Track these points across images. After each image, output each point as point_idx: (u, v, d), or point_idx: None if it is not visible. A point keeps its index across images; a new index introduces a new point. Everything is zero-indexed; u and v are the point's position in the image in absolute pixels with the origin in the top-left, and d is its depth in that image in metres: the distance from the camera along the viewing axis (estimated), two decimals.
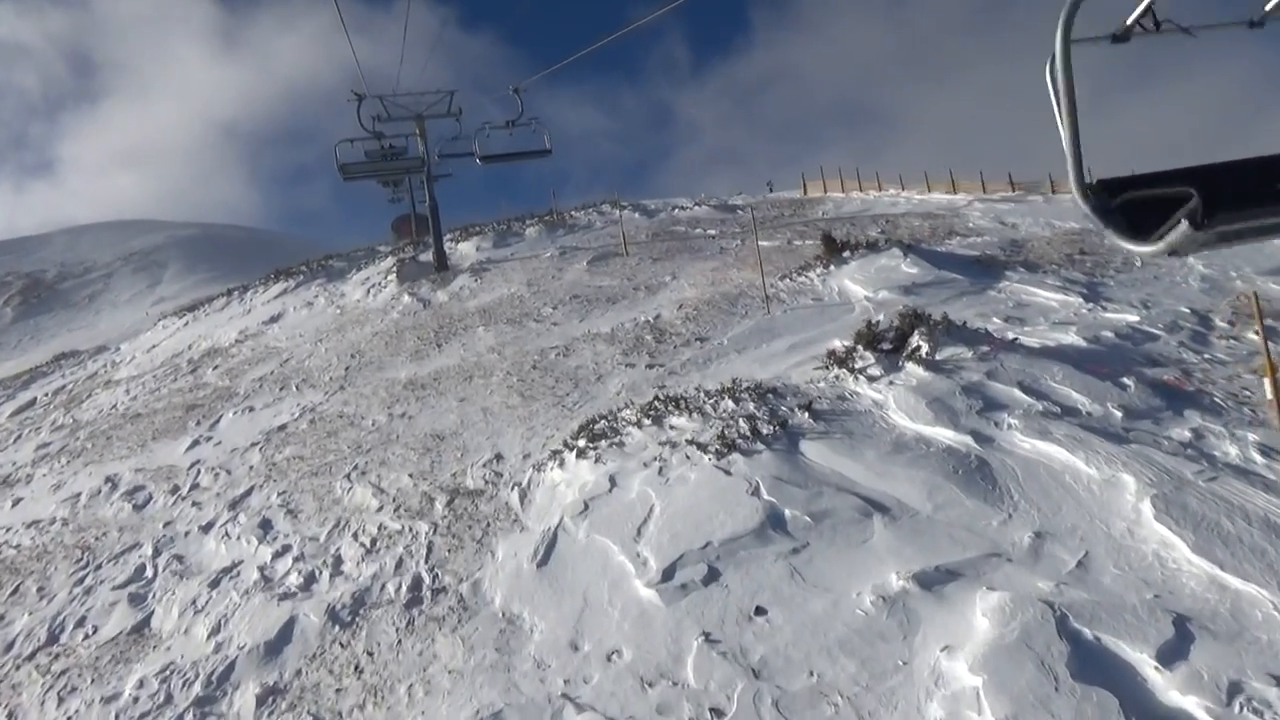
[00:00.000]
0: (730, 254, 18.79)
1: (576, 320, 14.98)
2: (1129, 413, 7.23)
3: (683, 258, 19.06)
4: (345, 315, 20.70)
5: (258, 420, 13.81)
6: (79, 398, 21.29)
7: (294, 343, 19.20)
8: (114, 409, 18.40)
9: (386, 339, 16.82)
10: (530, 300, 17.31)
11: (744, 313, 13.01)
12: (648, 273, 17.89)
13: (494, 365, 13.10)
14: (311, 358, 17.12)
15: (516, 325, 15.45)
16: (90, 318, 46.91)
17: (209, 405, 15.53)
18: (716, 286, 15.20)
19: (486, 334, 15.27)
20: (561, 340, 13.67)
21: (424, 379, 13.34)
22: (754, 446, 7.43)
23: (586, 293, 16.90)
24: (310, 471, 10.57)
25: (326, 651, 6.55)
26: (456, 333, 15.95)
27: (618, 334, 13.23)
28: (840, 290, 13.15)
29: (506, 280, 20.02)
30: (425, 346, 15.50)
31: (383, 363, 15.15)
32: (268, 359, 18.20)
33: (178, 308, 30.86)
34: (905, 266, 13.18)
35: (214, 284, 44.60)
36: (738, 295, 14.05)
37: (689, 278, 16.57)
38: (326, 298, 23.48)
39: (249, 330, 22.44)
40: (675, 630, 5.58)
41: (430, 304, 19.43)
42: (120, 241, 60.48)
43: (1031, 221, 17.97)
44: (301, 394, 14.53)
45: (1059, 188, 20.10)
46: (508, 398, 11.42)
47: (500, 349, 14.02)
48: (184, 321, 27.16)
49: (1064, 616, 4.79)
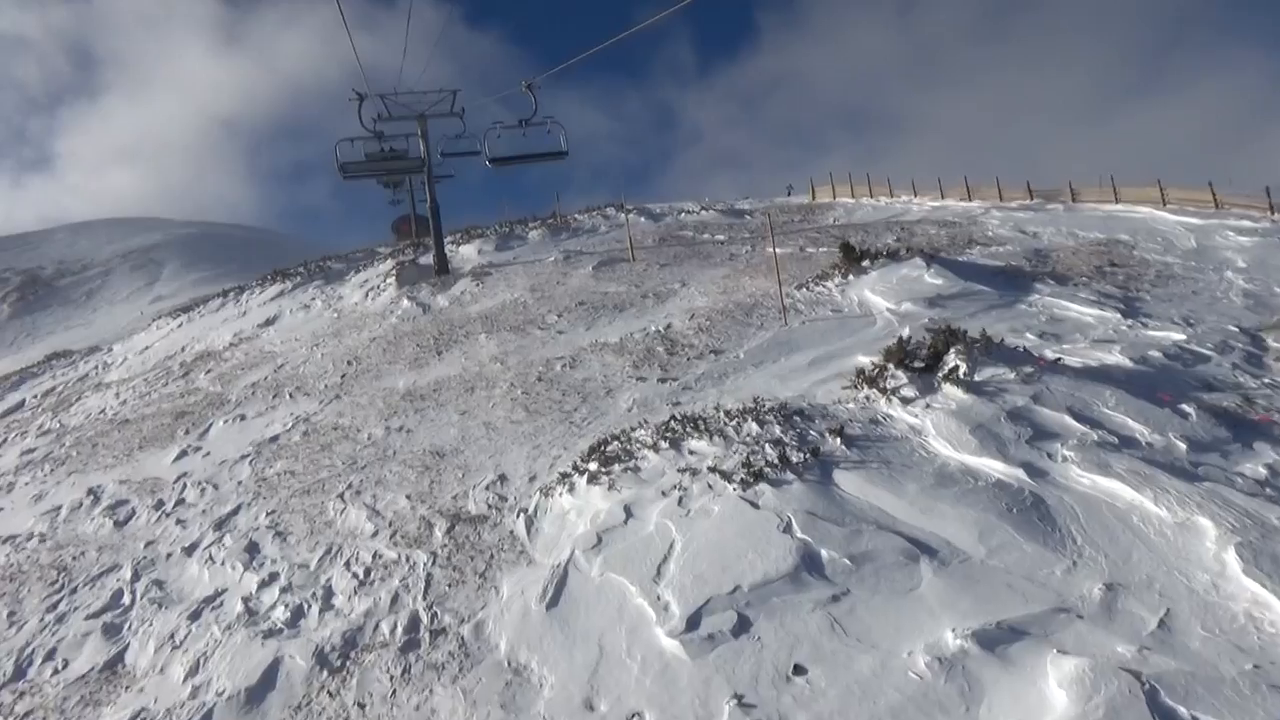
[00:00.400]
0: (741, 261, 18.21)
1: (583, 329, 14.39)
2: (1194, 445, 6.63)
3: (692, 264, 18.47)
4: (343, 319, 20.10)
5: (249, 430, 13.20)
6: (68, 400, 20.66)
7: (289, 347, 18.59)
8: (102, 414, 17.79)
9: (385, 345, 16.22)
10: (534, 307, 16.71)
11: (760, 324, 12.41)
12: (656, 279, 17.30)
13: (497, 376, 12.50)
14: (307, 363, 16.52)
15: (520, 333, 14.85)
16: (88, 315, 46.50)
17: (199, 413, 14.93)
18: (729, 295, 14.60)
19: (489, 342, 14.66)
20: (568, 350, 13.07)
21: (423, 389, 12.74)
22: (783, 476, 6.82)
23: (593, 299, 16.31)
24: (302, 489, 9.97)
25: (313, 701, 5.94)
26: (458, 340, 15.35)
27: (627, 344, 12.63)
28: (861, 302, 12.54)
29: (509, 285, 19.43)
30: (425, 354, 14.90)
31: (380, 370, 14.55)
32: (262, 364, 17.60)
33: (173, 308, 30.24)
34: (929, 277, 12.56)
35: (212, 283, 44.39)
36: (752, 305, 13.45)
37: (699, 285, 15.98)
38: (324, 300, 22.87)
39: (244, 333, 21.84)
40: (703, 690, 4.98)
41: (430, 309, 18.82)
42: (119, 239, 59.91)
43: (1054, 231, 17.35)
44: (295, 402, 13.92)
45: (1080, 196, 19.48)
46: (512, 412, 10.82)
47: (503, 358, 13.42)
48: (178, 323, 26.54)
49: (1154, 690, 4.19)
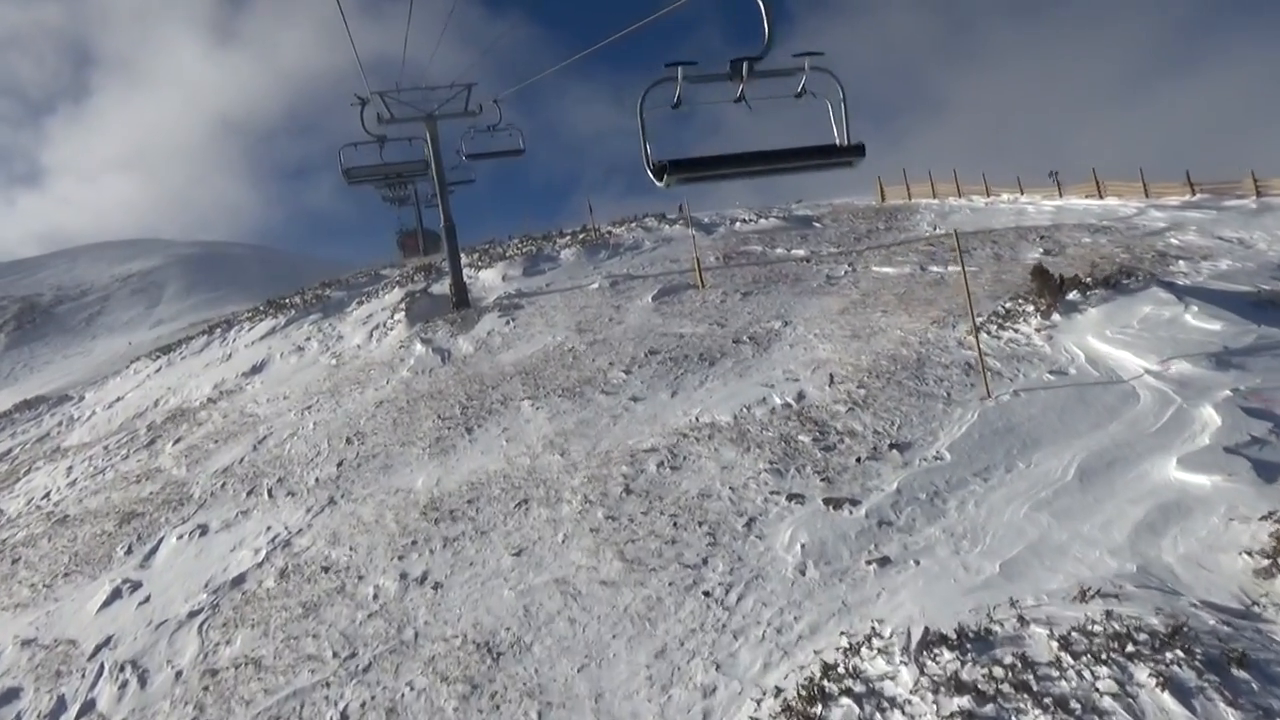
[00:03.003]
0: (847, 285, 14.27)
1: (665, 392, 10.51)
2: None
3: (782, 291, 14.55)
4: (342, 368, 16.30)
5: (209, 555, 9.40)
6: (17, 472, 17.03)
7: (275, 408, 14.81)
8: (46, 499, 14.12)
9: (395, 413, 12.39)
10: (587, 355, 12.84)
11: (945, 393, 8.47)
12: (743, 315, 13.40)
13: (559, 478, 8.62)
14: (295, 437, 12.71)
15: (576, 398, 10.97)
16: (86, 343, 44.62)
17: (151, 515, 11.15)
18: (865, 341, 10.67)
19: (536, 413, 10.79)
20: (655, 432, 9.19)
21: (452, 497, 8.88)
22: None
23: (665, 345, 12.43)
24: (268, 712, 6.11)
25: None
26: (492, 408, 11.49)
27: (746, 426, 8.73)
28: (1091, 356, 8.55)
29: (547, 323, 15.57)
30: (449, 430, 11.05)
31: (390, 455, 10.71)
32: (240, 433, 13.82)
33: (154, 348, 26.56)
34: (1193, 318, 8.55)
35: (212, 306, 42.91)
36: (915, 360, 9.49)
37: (811, 324, 12.06)
38: (320, 341, 19.08)
39: (225, 384, 18.09)
40: None
41: (451, 357, 14.98)
42: (119, 262, 57.60)
43: (1264, 235, 13.32)
44: (275, 507, 10.11)
45: (1266, 189, 15.45)
46: (597, 557, 6.94)
47: (562, 443, 9.54)
48: (156, 366, 22.84)
49: None
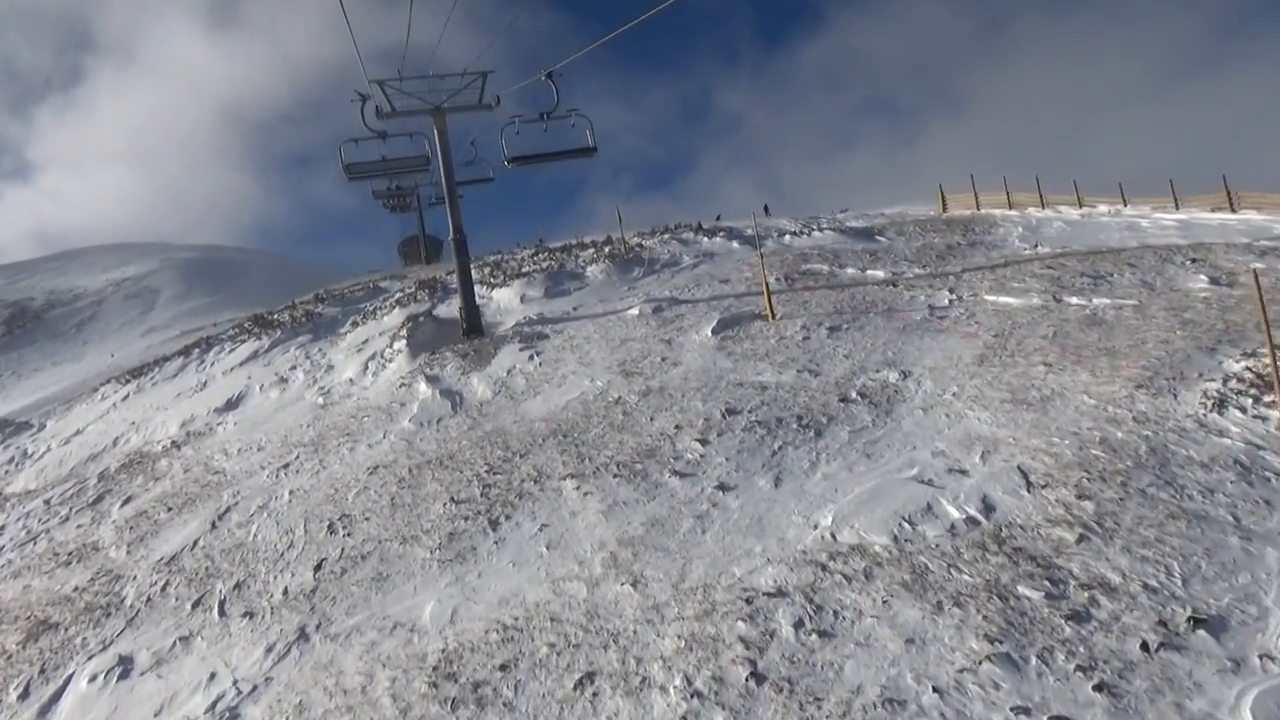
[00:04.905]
0: (961, 320, 11.40)
1: (763, 477, 7.64)
2: None
3: (878, 325, 11.69)
4: (329, 410, 13.44)
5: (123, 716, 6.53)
6: None
7: (246, 464, 11.97)
8: None
9: (394, 485, 9.53)
10: (641, 411, 9.96)
11: (1230, 517, 5.58)
12: (837, 357, 10.53)
13: (636, 633, 5.72)
14: (265, 512, 9.87)
15: (639, 481, 8.09)
16: (77, 349, 43.27)
17: (66, 634, 8.30)
18: (1040, 410, 7.78)
19: (584, 501, 7.91)
20: (771, 552, 6.30)
21: (476, 655, 5.97)
22: None
23: (745, 400, 9.56)
24: None
25: None
26: (523, 488, 8.60)
27: (915, 554, 5.85)
28: None
29: (581, 359, 12.71)
30: (466, 520, 8.17)
31: (387, 561, 7.83)
32: (199, 499, 10.98)
33: (125, 370, 23.73)
34: None
35: (207, 313, 39.81)
36: (1149, 452, 6.60)
37: (942, 378, 9.18)
38: (307, 371, 16.25)
39: (193, 423, 15.29)
40: None
41: (463, 402, 12.11)
42: (114, 266, 55.94)
43: None
44: (226, 635, 7.25)
45: None
46: None
47: (631, 561, 6.66)
48: (124, 394, 20.02)
49: None
